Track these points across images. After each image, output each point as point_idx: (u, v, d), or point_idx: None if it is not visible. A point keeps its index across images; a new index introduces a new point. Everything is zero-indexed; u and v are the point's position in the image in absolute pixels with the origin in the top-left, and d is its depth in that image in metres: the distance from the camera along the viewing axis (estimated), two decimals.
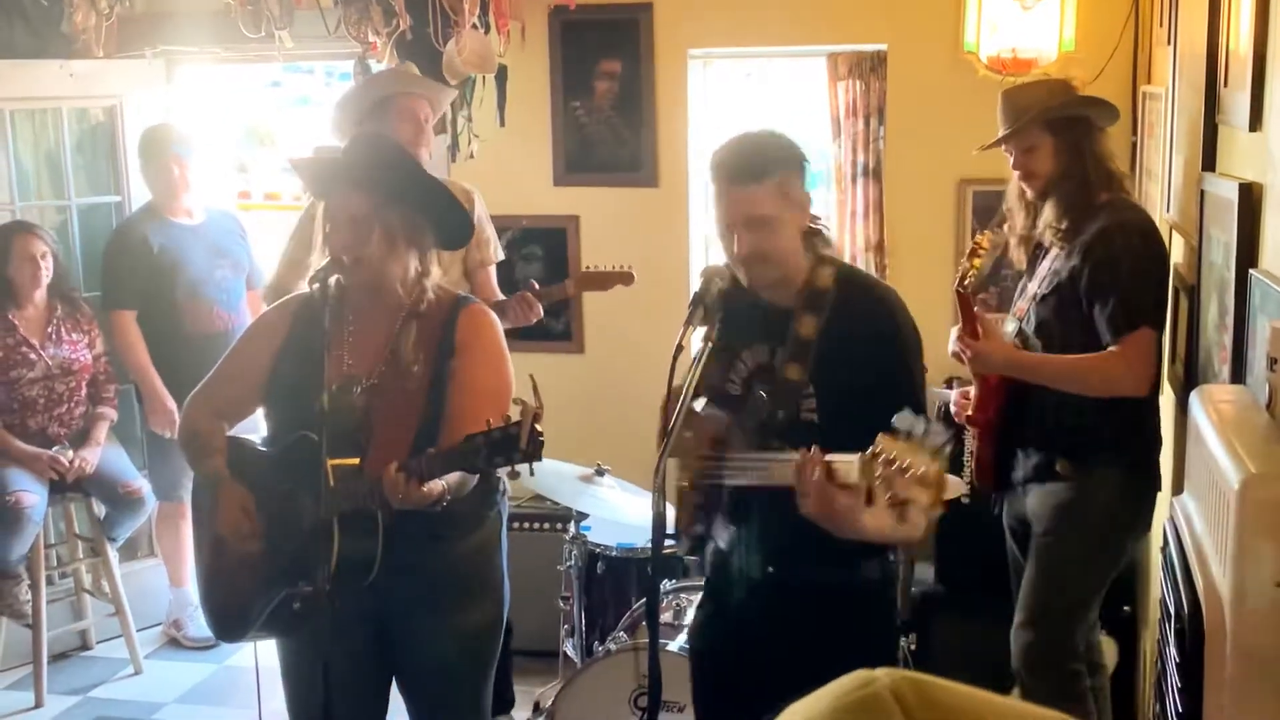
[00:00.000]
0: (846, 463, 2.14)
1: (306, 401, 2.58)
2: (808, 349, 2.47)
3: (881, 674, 0.69)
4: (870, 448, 2.07)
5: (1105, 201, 3.20)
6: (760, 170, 2.42)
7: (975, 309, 3.40)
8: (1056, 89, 3.33)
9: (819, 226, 2.55)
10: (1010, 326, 3.38)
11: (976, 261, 3.44)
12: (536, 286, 3.97)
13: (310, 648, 2.59)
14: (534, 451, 2.34)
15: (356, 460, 2.57)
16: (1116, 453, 3.20)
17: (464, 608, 2.87)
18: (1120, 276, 3.09)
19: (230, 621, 2.83)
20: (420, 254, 2.72)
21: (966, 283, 3.41)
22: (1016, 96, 3.34)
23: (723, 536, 2.63)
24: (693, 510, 2.63)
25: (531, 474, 2.38)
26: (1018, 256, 3.48)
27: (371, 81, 3.98)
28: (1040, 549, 3.29)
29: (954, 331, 3.38)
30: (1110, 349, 3.11)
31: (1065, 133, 3.24)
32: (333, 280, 2.66)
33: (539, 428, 2.33)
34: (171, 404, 4.75)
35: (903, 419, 2.03)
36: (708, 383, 2.53)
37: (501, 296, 4.06)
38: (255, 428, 3.12)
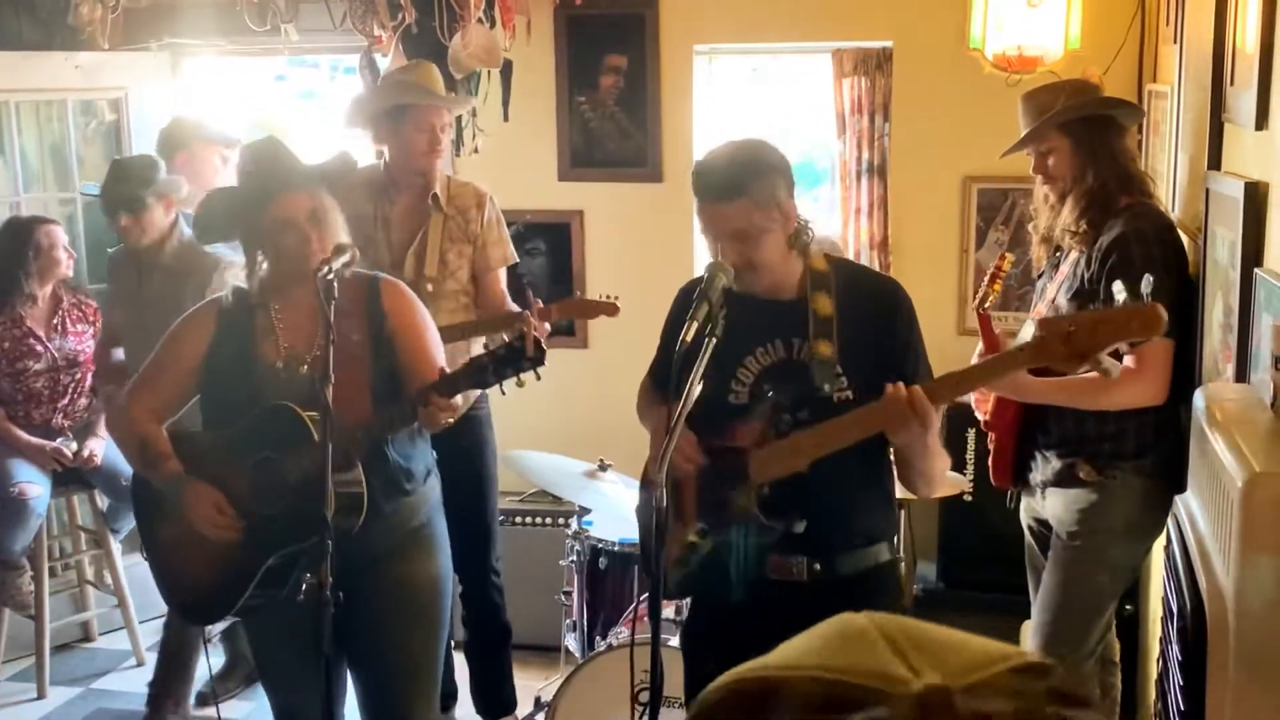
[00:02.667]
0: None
1: (246, 387, 2.78)
2: (831, 324, 2.51)
3: (865, 614, 0.76)
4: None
5: (1125, 206, 3.16)
6: (733, 188, 2.47)
7: (997, 331, 3.39)
8: (1074, 90, 3.30)
9: (801, 225, 2.57)
10: (1029, 330, 3.36)
11: (997, 285, 3.43)
12: (540, 304, 3.94)
13: (274, 630, 2.83)
14: (539, 357, 2.60)
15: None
16: (1139, 459, 3.18)
17: (411, 560, 2.99)
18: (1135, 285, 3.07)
19: (212, 603, 2.93)
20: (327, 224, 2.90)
21: (987, 305, 3.40)
22: (1035, 99, 3.31)
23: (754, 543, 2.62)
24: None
25: (538, 378, 2.65)
26: (1038, 256, 3.47)
27: (392, 87, 3.94)
28: (1062, 553, 3.28)
29: (978, 348, 3.37)
30: (1123, 362, 3.10)
31: (1082, 134, 3.20)
32: (258, 271, 2.85)
33: (540, 337, 2.59)
34: None
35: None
36: (698, 401, 2.54)
37: (506, 299, 4.03)
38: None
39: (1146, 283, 2.21)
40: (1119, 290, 2.22)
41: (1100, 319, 2.18)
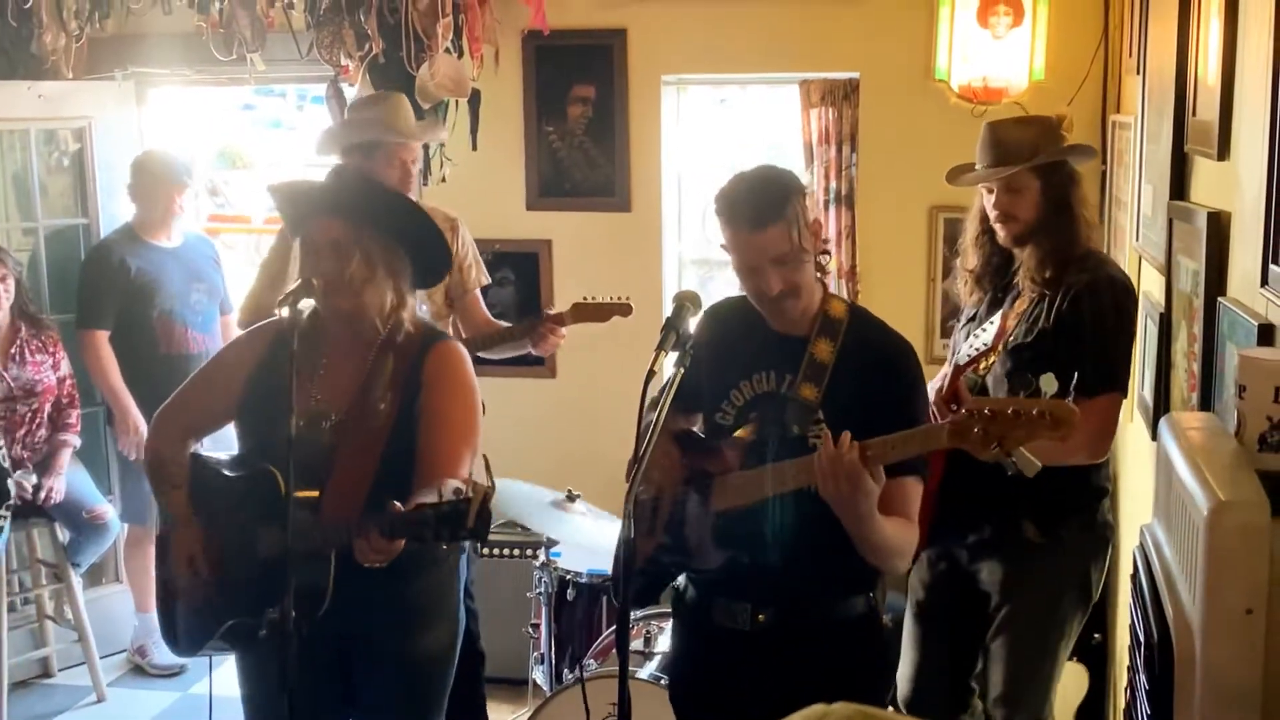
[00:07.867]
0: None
1: (274, 430, 2.56)
2: (824, 372, 2.48)
3: (837, 708, 0.71)
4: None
5: (1084, 253, 3.10)
6: (775, 211, 2.43)
7: (960, 381, 3.19)
8: (1048, 131, 3.16)
9: (826, 249, 2.58)
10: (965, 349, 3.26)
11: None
12: (551, 313, 3.93)
13: (273, 675, 2.54)
14: (480, 531, 2.31)
15: (316, 493, 2.55)
16: (1079, 512, 3.10)
17: (421, 634, 2.85)
18: (1103, 335, 2.99)
19: (184, 636, 2.82)
20: (397, 285, 2.71)
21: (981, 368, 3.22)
22: (1004, 132, 3.16)
23: (703, 582, 2.60)
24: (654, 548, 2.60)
25: (478, 553, 2.34)
26: (967, 294, 3.34)
27: (362, 123, 3.84)
28: (1015, 621, 3.13)
29: (931, 386, 3.17)
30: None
31: (1053, 178, 3.10)
32: (305, 306, 2.59)
33: (491, 508, 2.32)
34: (143, 426, 4.70)
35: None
36: (697, 414, 2.57)
37: (490, 318, 4.04)
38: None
39: (1074, 380, 2.19)
40: (1047, 383, 2.17)
41: (1020, 411, 2.11)
